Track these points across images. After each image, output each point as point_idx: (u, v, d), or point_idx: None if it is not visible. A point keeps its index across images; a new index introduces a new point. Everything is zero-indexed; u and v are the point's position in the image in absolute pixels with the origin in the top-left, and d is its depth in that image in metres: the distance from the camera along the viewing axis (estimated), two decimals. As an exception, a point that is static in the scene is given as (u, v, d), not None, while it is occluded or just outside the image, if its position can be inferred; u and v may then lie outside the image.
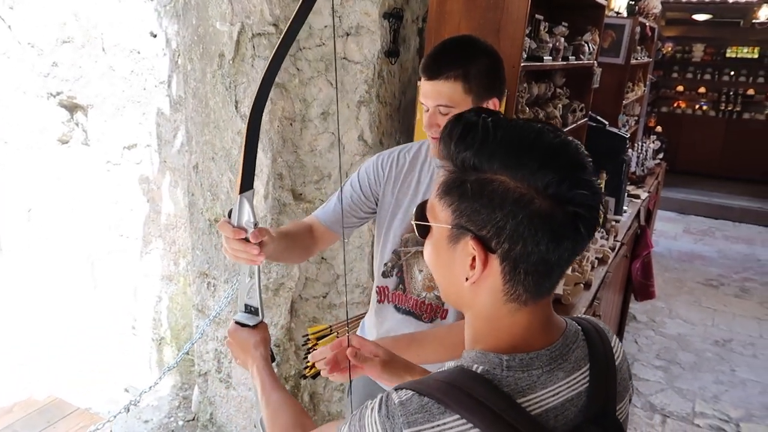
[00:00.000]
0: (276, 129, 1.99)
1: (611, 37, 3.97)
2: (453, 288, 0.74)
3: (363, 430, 0.70)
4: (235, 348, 1.12)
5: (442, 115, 1.28)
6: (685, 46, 9.12)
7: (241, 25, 1.92)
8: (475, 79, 1.26)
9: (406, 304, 1.50)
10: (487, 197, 0.66)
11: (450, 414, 0.65)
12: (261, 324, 1.12)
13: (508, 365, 0.69)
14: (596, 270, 2.68)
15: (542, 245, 0.65)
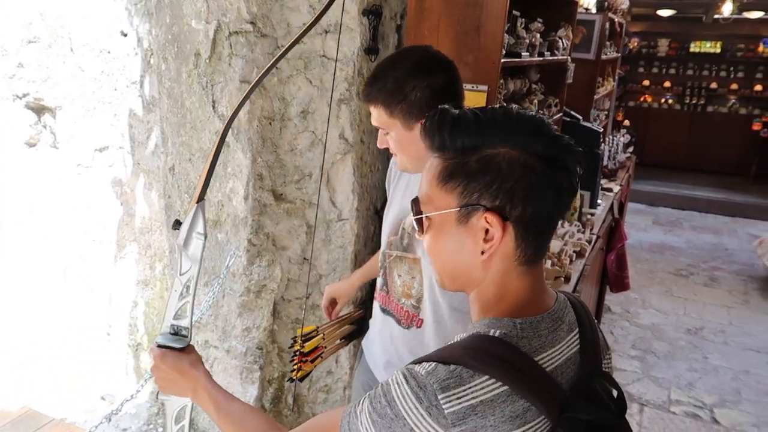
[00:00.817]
0: (255, 128, 1.96)
1: (582, 33, 4.03)
2: (463, 269, 0.80)
3: (393, 404, 0.71)
4: (166, 374, 1.00)
5: (385, 135, 1.33)
6: (651, 41, 9.32)
7: (217, 23, 1.88)
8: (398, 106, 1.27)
9: (389, 306, 1.53)
10: (494, 170, 0.74)
11: (479, 376, 0.70)
12: (190, 346, 1.04)
13: (521, 327, 0.76)
14: (574, 263, 2.72)
15: (548, 200, 0.75)
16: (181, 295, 1.04)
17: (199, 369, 1.00)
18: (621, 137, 5.06)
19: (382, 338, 1.57)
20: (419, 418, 0.69)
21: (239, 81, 1.90)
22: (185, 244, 1.01)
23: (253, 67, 1.91)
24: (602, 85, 4.64)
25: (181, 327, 1.04)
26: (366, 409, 0.75)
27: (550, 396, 0.72)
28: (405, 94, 1.27)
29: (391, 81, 1.29)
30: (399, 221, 1.46)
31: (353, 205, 2.07)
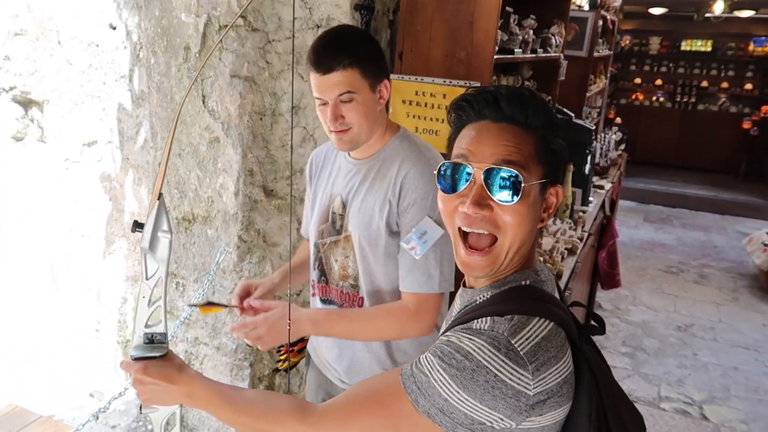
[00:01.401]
0: (246, 124, 1.94)
1: (575, 30, 4.03)
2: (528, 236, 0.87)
3: (470, 357, 0.76)
4: (151, 386, 0.95)
5: (345, 104, 1.30)
6: (642, 39, 9.36)
7: (207, 16, 1.86)
8: (368, 63, 1.31)
9: (329, 294, 1.52)
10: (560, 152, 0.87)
11: (533, 318, 0.79)
12: (169, 352, 0.99)
13: (538, 274, 0.89)
14: (566, 261, 2.72)
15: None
16: (150, 301, 0.98)
17: (189, 372, 0.96)
18: (613, 135, 5.08)
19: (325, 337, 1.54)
20: (500, 363, 0.75)
21: (229, 75, 1.88)
22: (150, 245, 0.95)
23: (244, 62, 1.89)
24: (594, 82, 4.64)
25: (156, 334, 0.98)
26: (438, 367, 0.78)
27: (573, 323, 0.85)
28: (378, 52, 1.35)
29: (364, 40, 1.34)
30: (327, 207, 1.47)
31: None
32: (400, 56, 1.91)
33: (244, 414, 0.90)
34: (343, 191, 1.44)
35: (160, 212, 0.95)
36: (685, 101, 9.14)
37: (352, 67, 1.28)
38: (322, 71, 1.27)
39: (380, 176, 1.39)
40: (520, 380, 0.75)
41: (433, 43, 1.85)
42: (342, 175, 1.45)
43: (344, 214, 1.44)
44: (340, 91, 1.29)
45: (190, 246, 2.24)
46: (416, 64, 1.89)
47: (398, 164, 1.38)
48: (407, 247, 1.38)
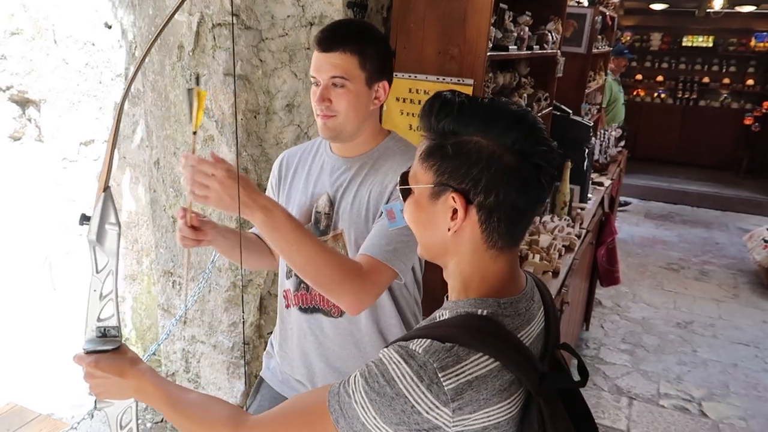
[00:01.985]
0: (240, 122, 1.94)
1: (573, 27, 4.01)
2: (436, 240, 0.84)
3: (393, 383, 0.74)
4: (102, 379, 0.96)
5: (335, 88, 1.28)
6: (643, 35, 9.32)
7: (200, 15, 1.86)
8: (371, 58, 1.29)
9: (312, 302, 1.43)
10: (465, 155, 0.78)
11: (475, 353, 0.74)
12: (122, 345, 0.99)
13: (504, 307, 0.81)
14: (564, 258, 2.71)
15: (512, 193, 0.78)
16: (101, 295, 0.97)
17: (141, 366, 0.96)
18: (612, 131, 5.06)
19: (308, 344, 1.45)
20: (420, 395, 0.73)
21: (223, 74, 1.88)
22: (98, 238, 0.95)
23: (237, 60, 1.88)
24: (594, 79, 4.63)
25: (108, 327, 0.98)
26: (361, 389, 0.76)
27: (532, 369, 0.77)
28: (385, 53, 1.32)
29: (375, 36, 1.32)
30: (308, 208, 1.42)
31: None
32: (394, 54, 1.91)
33: (184, 416, 0.91)
34: (329, 189, 1.40)
35: (107, 205, 0.95)
36: (686, 97, 9.10)
37: (352, 53, 1.27)
38: (324, 48, 1.26)
39: (374, 171, 1.37)
40: (438, 416, 0.73)
41: (426, 41, 1.84)
42: (327, 173, 1.42)
43: (331, 212, 1.40)
44: (333, 73, 1.27)
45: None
46: (409, 61, 1.89)
47: (396, 159, 1.37)
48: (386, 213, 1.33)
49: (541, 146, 0.79)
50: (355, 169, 1.40)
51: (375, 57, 1.30)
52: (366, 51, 1.28)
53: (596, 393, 3.35)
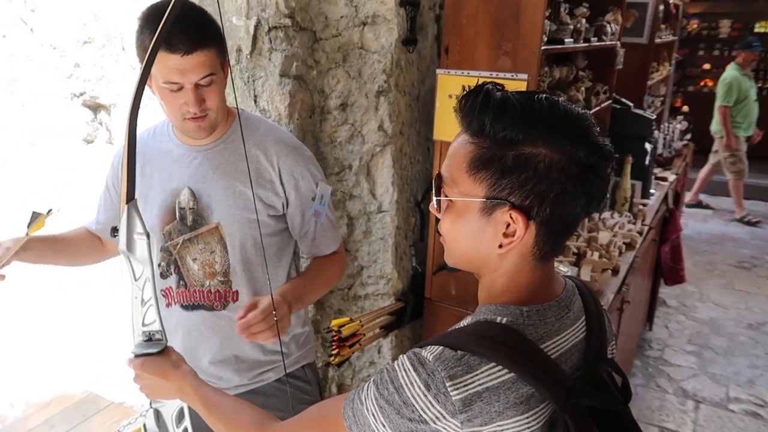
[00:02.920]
0: (295, 122, 1.98)
1: (634, 17, 3.88)
2: (478, 254, 0.79)
3: (401, 391, 0.72)
4: (149, 380, 1.00)
5: (206, 88, 1.23)
6: (711, 23, 8.88)
7: (257, 18, 1.91)
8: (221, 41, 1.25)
9: (192, 299, 1.41)
10: (532, 170, 0.72)
11: (487, 363, 0.71)
12: (168, 348, 1.03)
13: (528, 315, 0.76)
14: (624, 255, 2.64)
15: (578, 207, 0.74)
16: (142, 301, 1.01)
17: (183, 368, 1.00)
18: (677, 124, 4.86)
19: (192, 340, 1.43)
20: (427, 404, 0.70)
21: (279, 75, 1.92)
22: (129, 248, 0.98)
23: (293, 61, 1.93)
24: (657, 70, 4.46)
25: (153, 332, 1.02)
26: (372, 396, 0.75)
27: (555, 382, 0.72)
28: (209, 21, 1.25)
29: (211, 19, 1.25)
30: (170, 206, 1.36)
31: (393, 197, 2.08)
32: (446, 51, 1.91)
33: (216, 418, 0.94)
34: (189, 182, 1.34)
35: (132, 216, 0.98)
36: (759, 86, 8.61)
37: (209, 47, 1.21)
38: (184, 51, 1.17)
39: (239, 157, 1.32)
40: (446, 426, 0.71)
41: (479, 37, 1.83)
42: (181, 165, 1.36)
43: (196, 206, 1.35)
44: (203, 74, 1.20)
45: None
46: (462, 58, 1.88)
47: (259, 143, 1.36)
48: (314, 216, 1.44)
49: (606, 156, 0.74)
50: (214, 157, 1.35)
51: (220, 36, 1.25)
52: (222, 43, 1.25)
53: (660, 395, 3.24)
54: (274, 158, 1.37)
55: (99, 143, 3.28)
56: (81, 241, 1.52)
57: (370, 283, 2.20)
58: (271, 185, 1.38)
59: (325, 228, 1.48)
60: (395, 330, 2.11)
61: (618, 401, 0.76)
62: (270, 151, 1.37)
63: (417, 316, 2.18)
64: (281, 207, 1.41)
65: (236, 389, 1.49)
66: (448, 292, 2.09)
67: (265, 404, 1.48)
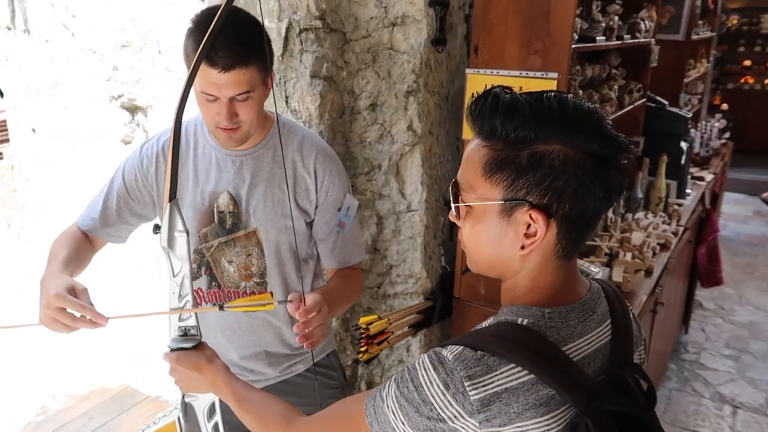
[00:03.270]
0: (326, 122, 2.01)
1: (670, 13, 3.79)
2: (500, 258, 0.79)
3: (421, 389, 0.72)
4: (184, 374, 1.03)
5: (240, 103, 1.23)
6: (752, 18, 8.62)
7: (288, 21, 1.94)
8: (263, 57, 1.22)
9: (227, 299, 1.44)
10: (548, 167, 0.72)
11: (507, 364, 0.71)
12: (202, 343, 1.06)
13: (550, 317, 0.76)
14: (658, 256, 2.59)
15: (598, 201, 0.73)
16: (179, 296, 1.05)
17: (216, 363, 1.03)
18: (716, 122, 4.74)
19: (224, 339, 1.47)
20: (446, 403, 0.71)
21: (310, 76, 1.95)
22: (169, 245, 1.02)
23: (323, 62, 1.95)
24: (694, 67, 4.36)
25: (188, 327, 1.05)
26: (393, 393, 0.76)
27: (576, 385, 0.71)
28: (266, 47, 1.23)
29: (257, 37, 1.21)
30: (207, 209, 1.37)
31: (422, 196, 2.08)
32: (476, 50, 1.91)
33: (246, 412, 0.97)
34: (229, 187, 1.36)
35: (174, 214, 1.01)
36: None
37: (250, 65, 1.19)
38: (222, 68, 1.16)
39: (278, 164, 1.35)
40: (464, 426, 0.71)
41: (508, 35, 1.83)
42: (220, 169, 1.37)
43: (236, 210, 1.37)
44: (239, 91, 1.20)
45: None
46: (491, 57, 1.88)
47: (297, 150, 1.37)
48: (337, 227, 1.44)
49: (621, 148, 0.74)
50: (253, 163, 1.36)
51: (264, 53, 1.23)
52: (265, 60, 1.22)
53: (696, 400, 3.17)
54: (311, 165, 1.39)
55: (136, 144, 3.37)
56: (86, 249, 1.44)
57: (399, 282, 2.22)
58: (306, 192, 1.40)
59: (347, 241, 1.48)
60: (424, 329, 2.12)
61: (642, 406, 0.75)
62: (307, 158, 1.40)
63: (446, 316, 2.19)
64: (312, 213, 1.43)
65: (267, 381, 1.53)
66: (477, 291, 2.09)
67: (295, 393, 1.52)
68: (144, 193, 1.42)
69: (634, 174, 2.99)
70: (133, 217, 1.46)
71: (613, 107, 2.54)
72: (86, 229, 1.44)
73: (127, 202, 1.42)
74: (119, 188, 1.43)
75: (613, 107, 2.52)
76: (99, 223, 1.43)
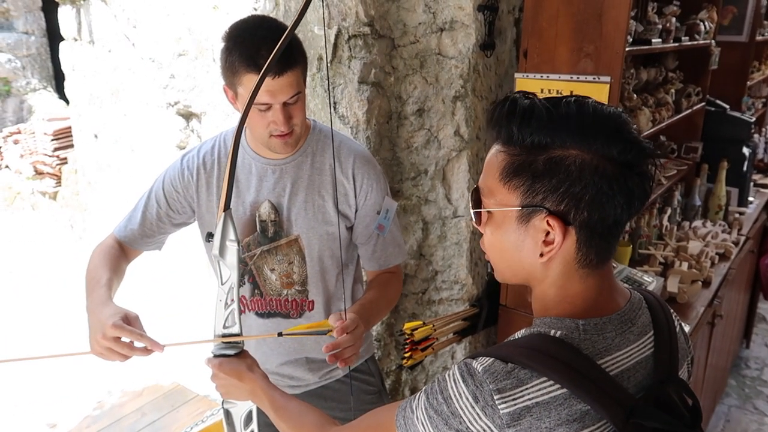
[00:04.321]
0: (373, 127, 2.02)
1: (732, 14, 3.64)
2: (521, 266, 0.78)
3: (450, 402, 0.71)
4: (225, 380, 1.05)
5: (293, 106, 1.25)
6: (824, 17, 8.17)
7: (337, 28, 1.97)
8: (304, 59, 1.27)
9: (269, 307, 1.45)
10: (564, 172, 0.70)
11: (538, 377, 0.69)
12: (243, 351, 1.08)
13: (585, 329, 0.73)
14: (717, 266, 2.49)
15: (618, 208, 0.71)
16: (225, 304, 1.06)
17: (256, 372, 1.05)
18: (782, 127, 4.51)
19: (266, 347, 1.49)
20: (475, 416, 0.69)
21: (358, 82, 1.97)
22: (221, 253, 1.04)
23: (371, 68, 1.97)
24: (758, 69, 4.16)
25: (232, 335, 1.07)
26: (422, 405, 0.75)
27: (613, 400, 0.68)
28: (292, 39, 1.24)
29: (296, 39, 1.26)
30: (249, 219, 1.38)
31: (469, 201, 2.07)
32: (525, 54, 1.88)
33: (282, 420, 0.98)
34: (270, 196, 1.37)
35: (227, 224, 1.04)
36: None
37: (296, 67, 1.23)
38: (275, 74, 1.18)
39: (317, 171, 1.37)
40: None
41: (559, 39, 1.79)
42: (260, 178, 1.38)
43: (278, 219, 1.38)
44: (290, 94, 1.22)
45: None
46: (541, 61, 1.85)
47: (336, 155, 1.37)
48: (377, 230, 1.42)
49: (644, 153, 0.71)
50: (292, 171, 1.37)
51: (304, 53, 1.27)
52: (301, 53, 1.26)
53: (758, 418, 3.02)
54: (349, 170, 1.40)
55: (191, 149, 3.48)
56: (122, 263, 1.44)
57: (444, 288, 2.20)
58: (346, 198, 1.41)
59: (387, 243, 1.48)
60: (469, 336, 2.10)
61: (686, 424, 0.72)
62: (345, 163, 1.40)
63: (492, 323, 2.16)
64: (353, 217, 1.44)
65: (307, 387, 1.55)
66: (523, 299, 2.05)
67: (334, 398, 1.54)
68: (184, 204, 1.45)
69: (691, 181, 2.88)
70: (172, 227, 1.49)
71: (670, 111, 2.45)
72: (125, 240, 1.45)
73: (167, 212, 1.45)
74: (159, 199, 1.45)
75: (669, 111, 2.44)
76: (138, 233, 1.45)
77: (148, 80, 3.23)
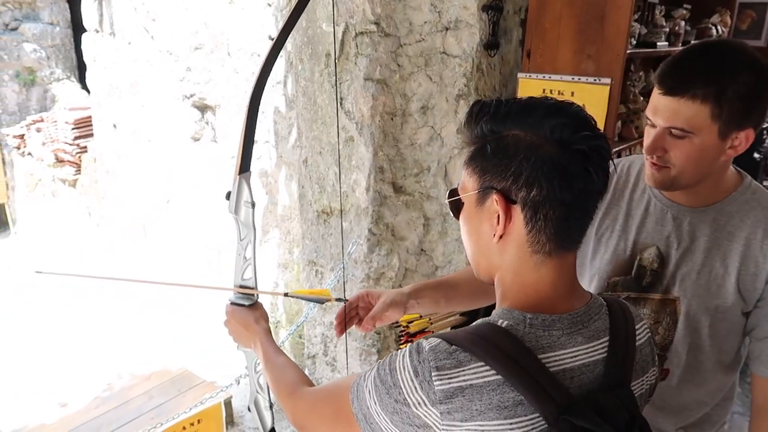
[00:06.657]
0: (377, 124, 2.06)
1: (751, 18, 3.61)
2: (484, 253, 0.81)
3: (394, 373, 0.76)
4: (234, 326, 1.15)
5: (673, 139, 1.04)
6: None
7: (345, 25, 2.01)
8: (730, 103, 0.99)
9: None
10: (503, 150, 0.75)
11: (476, 361, 0.72)
12: (257, 303, 1.16)
13: (531, 323, 0.75)
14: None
15: (555, 185, 0.72)
16: (244, 258, 1.15)
17: (261, 324, 1.12)
18: (800, 134, 4.45)
19: None
20: (412, 388, 0.73)
21: (363, 79, 2.01)
22: (236, 212, 1.12)
23: (377, 65, 2.01)
24: (777, 75, 4.11)
25: (247, 287, 1.16)
26: (373, 375, 0.80)
27: (547, 394, 0.70)
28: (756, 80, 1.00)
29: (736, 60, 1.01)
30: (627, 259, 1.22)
31: (470, 199, 2.10)
32: (528, 55, 1.91)
33: (269, 372, 1.05)
34: (659, 242, 1.17)
35: (242, 186, 1.10)
36: None
37: (704, 100, 0.99)
38: (666, 90, 1.02)
39: (727, 236, 1.12)
40: (427, 414, 0.73)
41: (562, 40, 1.82)
42: (656, 220, 1.19)
43: (661, 271, 1.18)
44: (675, 124, 1.02)
45: (328, 237, 2.43)
46: (544, 61, 1.87)
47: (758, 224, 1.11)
48: None
49: (583, 131, 0.73)
50: (698, 226, 1.15)
51: (738, 100, 0.99)
52: (725, 95, 0.99)
53: (760, 426, 2.98)
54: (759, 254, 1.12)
55: (205, 141, 3.56)
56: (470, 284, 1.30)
57: (444, 284, 2.23)
58: (753, 279, 1.13)
59: None
60: (466, 331, 2.13)
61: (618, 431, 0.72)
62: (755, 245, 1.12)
63: (490, 320, 2.18)
64: (753, 304, 1.15)
65: None
66: (521, 297, 2.07)
67: None
68: None
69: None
70: None
71: (677, 115, 2.45)
72: None
73: None
74: None
75: (677, 115, 2.44)
76: None
77: (165, 72, 3.30)
